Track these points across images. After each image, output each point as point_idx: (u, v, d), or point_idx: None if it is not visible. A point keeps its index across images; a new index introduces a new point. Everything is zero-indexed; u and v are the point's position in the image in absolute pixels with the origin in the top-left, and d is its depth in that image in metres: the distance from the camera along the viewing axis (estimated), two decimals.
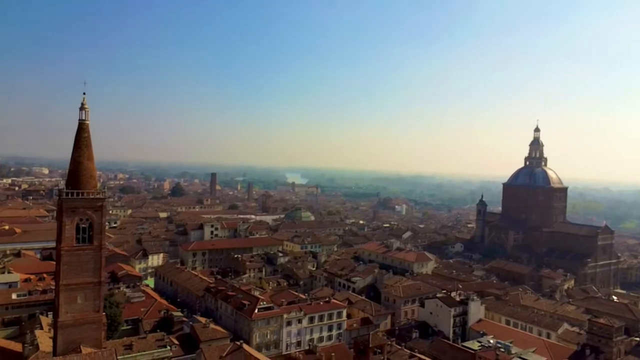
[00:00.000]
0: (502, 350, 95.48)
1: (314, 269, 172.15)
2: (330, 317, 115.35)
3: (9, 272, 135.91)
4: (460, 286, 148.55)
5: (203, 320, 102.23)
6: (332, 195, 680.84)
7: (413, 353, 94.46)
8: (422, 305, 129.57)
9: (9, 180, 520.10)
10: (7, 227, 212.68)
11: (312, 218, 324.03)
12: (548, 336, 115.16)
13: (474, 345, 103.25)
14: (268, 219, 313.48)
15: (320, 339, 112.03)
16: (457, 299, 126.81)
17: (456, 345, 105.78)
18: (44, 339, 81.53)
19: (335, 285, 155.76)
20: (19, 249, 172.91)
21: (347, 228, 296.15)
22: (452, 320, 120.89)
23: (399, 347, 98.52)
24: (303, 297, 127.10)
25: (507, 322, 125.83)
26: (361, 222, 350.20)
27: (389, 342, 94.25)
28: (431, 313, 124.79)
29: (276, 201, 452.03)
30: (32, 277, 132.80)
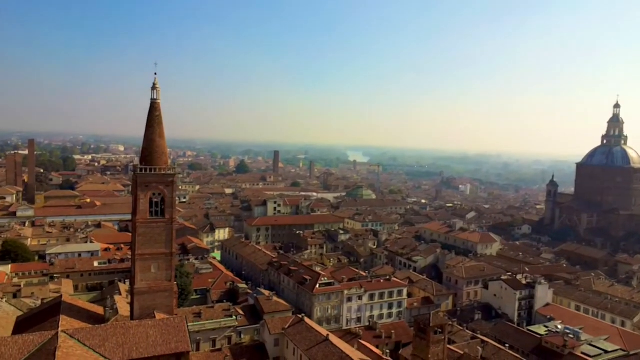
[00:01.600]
0: (571, 336, 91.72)
1: (375, 247, 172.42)
2: (390, 295, 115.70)
3: (91, 242, 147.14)
4: (527, 269, 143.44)
5: (266, 293, 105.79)
6: (394, 174, 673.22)
7: (475, 334, 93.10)
8: (486, 287, 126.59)
9: (90, 157, 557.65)
10: (88, 200, 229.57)
11: (374, 196, 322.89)
12: (622, 324, 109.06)
13: (540, 329, 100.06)
14: (329, 196, 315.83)
15: (381, 316, 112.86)
16: (523, 281, 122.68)
17: (521, 329, 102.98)
18: (122, 304, 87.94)
19: (396, 263, 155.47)
20: (99, 220, 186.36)
21: (408, 207, 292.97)
22: (517, 303, 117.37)
23: (461, 328, 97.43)
24: (364, 274, 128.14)
25: (577, 308, 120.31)
26: (423, 201, 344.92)
27: (451, 323, 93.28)
28: (495, 295, 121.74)
29: (338, 179, 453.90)
30: (111, 246, 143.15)
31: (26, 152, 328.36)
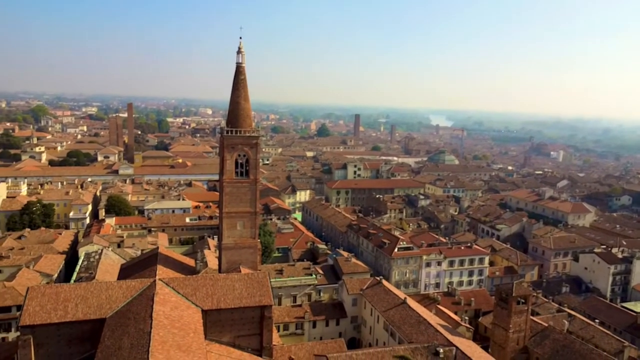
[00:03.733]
0: None
1: (456, 213, 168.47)
2: (471, 262, 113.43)
3: (182, 200, 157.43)
4: (625, 242, 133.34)
5: (345, 254, 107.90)
6: (479, 139, 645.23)
7: (562, 308, 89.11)
8: (576, 259, 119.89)
9: (181, 120, 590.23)
10: (180, 161, 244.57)
11: (456, 162, 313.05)
12: None
13: (636, 307, 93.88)
14: (410, 161, 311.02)
15: (460, 283, 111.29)
16: (619, 255, 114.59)
17: (614, 305, 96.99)
18: (211, 257, 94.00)
19: (478, 231, 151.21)
20: (190, 179, 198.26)
21: (493, 173, 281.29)
22: (611, 278, 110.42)
23: (546, 300, 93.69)
24: (444, 240, 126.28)
25: None
26: (510, 167, 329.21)
27: (535, 294, 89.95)
28: (586, 268, 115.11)
29: (419, 143, 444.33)
30: (200, 204, 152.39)
31: (126, 115, 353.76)
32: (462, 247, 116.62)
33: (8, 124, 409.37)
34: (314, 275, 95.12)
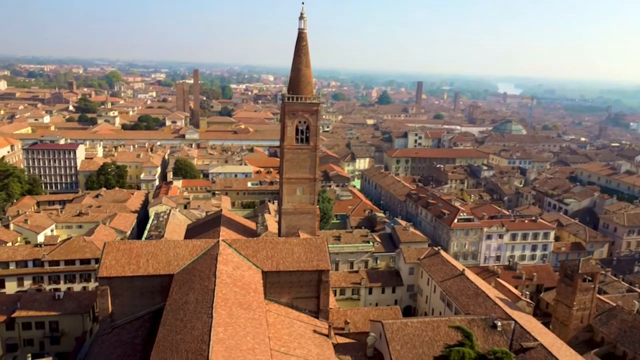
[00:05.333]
0: None
1: (521, 185, 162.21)
2: (535, 236, 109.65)
3: (245, 164, 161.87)
4: None
5: (403, 223, 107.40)
6: (550, 108, 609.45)
7: (632, 288, 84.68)
8: None
9: (244, 86, 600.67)
10: (243, 126, 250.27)
11: (524, 132, 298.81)
12: None
13: None
14: (474, 130, 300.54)
15: (522, 257, 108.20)
16: None
17: None
18: (271, 222, 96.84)
19: (544, 204, 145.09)
20: (252, 145, 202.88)
21: (564, 145, 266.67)
22: None
23: (616, 279, 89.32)
24: (506, 213, 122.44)
25: None
26: (583, 139, 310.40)
27: (603, 272, 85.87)
28: None
29: (484, 112, 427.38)
30: (261, 169, 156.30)
31: (192, 81, 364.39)
32: (526, 221, 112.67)
33: (85, 89, 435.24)
34: (371, 243, 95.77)
